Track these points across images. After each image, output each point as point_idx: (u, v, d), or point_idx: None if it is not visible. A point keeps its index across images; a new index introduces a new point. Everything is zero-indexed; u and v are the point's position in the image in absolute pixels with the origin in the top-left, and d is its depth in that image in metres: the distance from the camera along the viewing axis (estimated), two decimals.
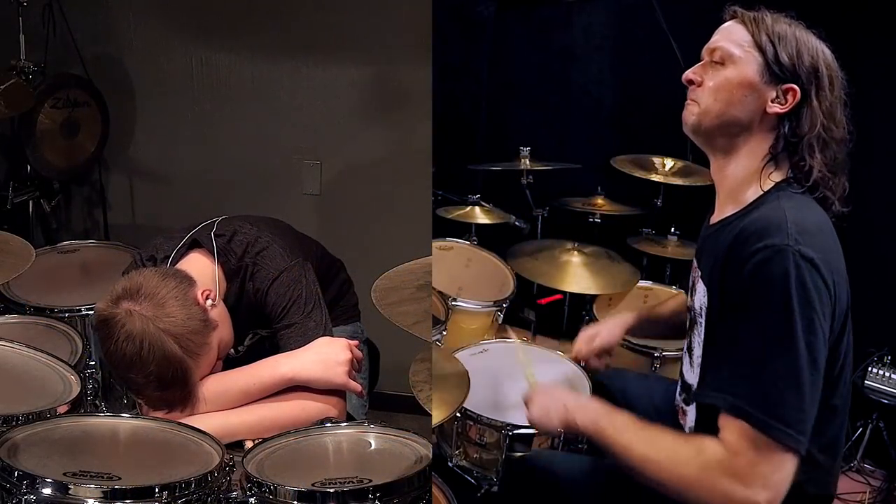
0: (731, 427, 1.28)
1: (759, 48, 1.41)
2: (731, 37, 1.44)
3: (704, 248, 1.55)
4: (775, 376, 1.26)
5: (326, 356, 1.71)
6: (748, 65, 1.41)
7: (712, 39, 1.48)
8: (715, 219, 1.52)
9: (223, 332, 1.72)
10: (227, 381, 1.69)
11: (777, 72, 1.40)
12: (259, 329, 1.86)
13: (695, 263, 1.58)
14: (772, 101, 1.40)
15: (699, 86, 1.46)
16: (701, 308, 1.48)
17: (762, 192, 1.42)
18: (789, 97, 1.40)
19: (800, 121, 1.39)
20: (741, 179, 1.45)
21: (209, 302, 1.68)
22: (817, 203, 1.43)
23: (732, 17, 1.48)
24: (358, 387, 1.75)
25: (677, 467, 1.29)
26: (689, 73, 1.48)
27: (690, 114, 1.47)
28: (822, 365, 1.28)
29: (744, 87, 1.41)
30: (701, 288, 1.49)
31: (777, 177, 1.43)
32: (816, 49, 1.42)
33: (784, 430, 1.24)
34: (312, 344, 1.74)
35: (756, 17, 1.45)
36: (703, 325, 1.47)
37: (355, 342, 1.80)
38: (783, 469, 1.25)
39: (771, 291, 1.26)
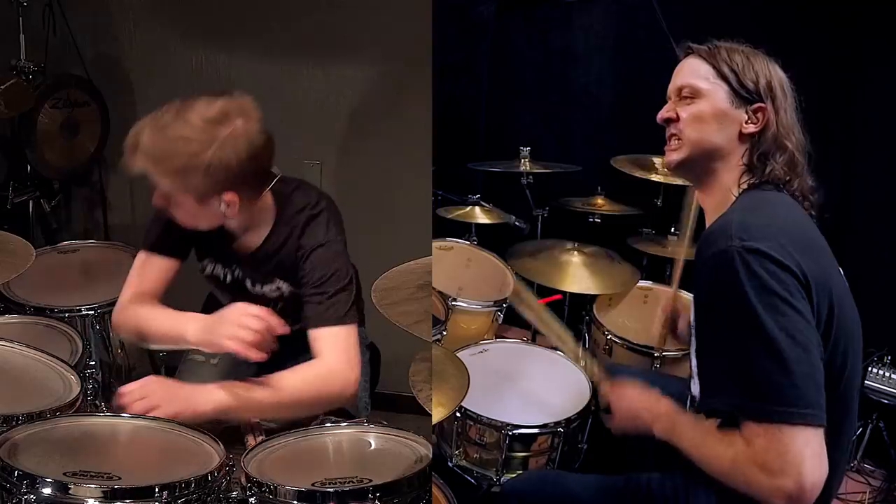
0: (742, 423, 1.32)
1: (723, 78, 1.50)
2: (695, 72, 1.53)
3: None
4: (756, 363, 1.29)
5: (225, 319, 1.64)
6: (716, 95, 1.50)
7: (677, 79, 1.56)
8: (707, 225, 1.56)
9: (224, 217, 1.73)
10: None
11: (744, 95, 1.49)
12: (282, 281, 1.89)
13: None
14: (745, 123, 1.48)
15: (677, 120, 1.53)
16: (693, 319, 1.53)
17: (734, 198, 1.48)
18: (759, 116, 1.48)
19: (765, 133, 1.48)
20: (722, 193, 1.51)
21: (224, 207, 1.68)
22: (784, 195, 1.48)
23: (688, 54, 1.56)
24: (257, 355, 1.62)
25: (719, 463, 1.36)
26: (663, 113, 1.56)
27: (674, 149, 1.55)
28: (807, 339, 1.30)
29: (718, 116, 1.50)
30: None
31: (747, 181, 1.49)
32: (767, 67, 1.52)
33: (783, 409, 1.27)
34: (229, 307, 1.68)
35: (710, 50, 1.53)
36: (693, 334, 1.52)
37: (268, 311, 1.68)
38: (795, 446, 1.26)
39: (727, 291, 1.33)
